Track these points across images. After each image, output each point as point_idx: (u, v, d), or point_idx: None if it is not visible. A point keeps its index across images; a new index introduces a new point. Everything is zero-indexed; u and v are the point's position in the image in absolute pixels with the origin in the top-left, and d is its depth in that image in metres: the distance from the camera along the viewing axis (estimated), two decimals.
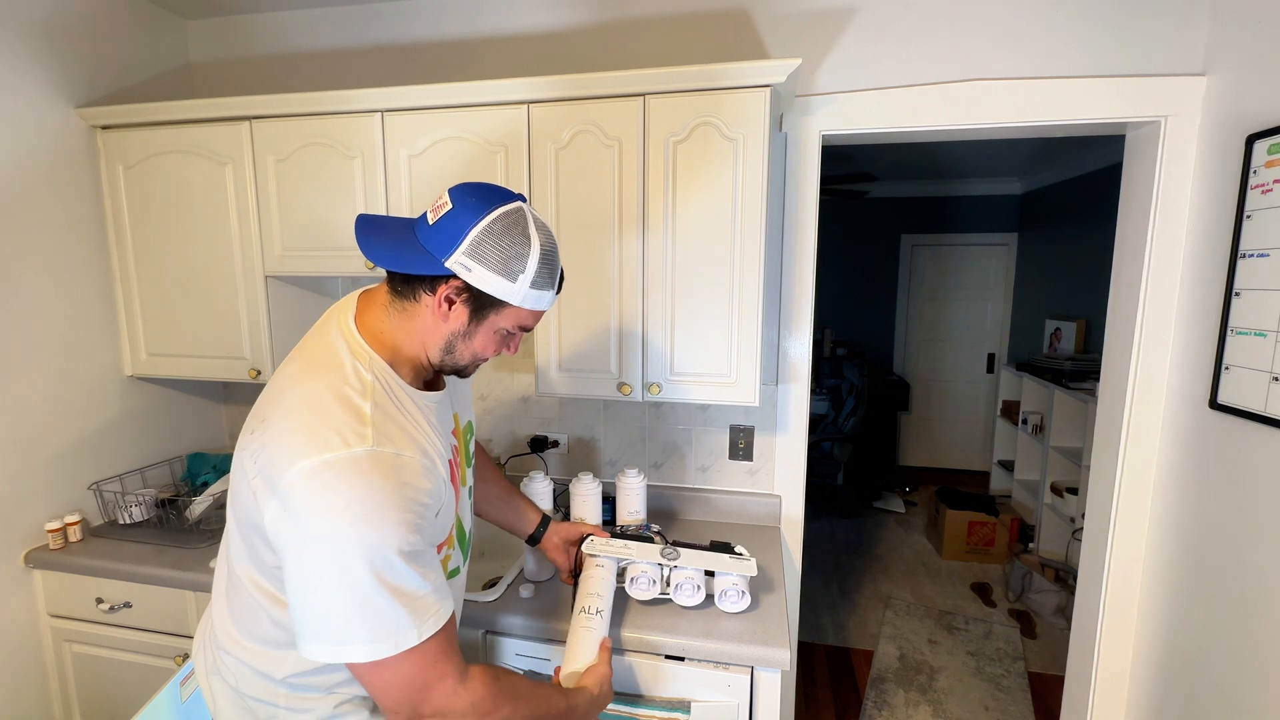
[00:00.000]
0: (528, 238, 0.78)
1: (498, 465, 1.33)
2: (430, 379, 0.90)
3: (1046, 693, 2.37)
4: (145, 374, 1.73)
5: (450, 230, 0.76)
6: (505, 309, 0.82)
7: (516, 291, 0.79)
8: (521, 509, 1.30)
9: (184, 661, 1.40)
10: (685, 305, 1.39)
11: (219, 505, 1.69)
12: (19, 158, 1.49)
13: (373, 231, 0.82)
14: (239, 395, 2.07)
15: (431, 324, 0.81)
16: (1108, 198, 3.30)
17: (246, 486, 0.76)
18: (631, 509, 1.47)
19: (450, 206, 0.77)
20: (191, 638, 1.48)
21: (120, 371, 1.74)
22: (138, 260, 1.67)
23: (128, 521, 1.67)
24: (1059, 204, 4.03)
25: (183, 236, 1.62)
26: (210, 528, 1.63)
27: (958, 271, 4.82)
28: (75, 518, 1.59)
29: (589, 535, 1.30)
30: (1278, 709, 1.21)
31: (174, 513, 1.68)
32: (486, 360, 0.90)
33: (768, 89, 1.27)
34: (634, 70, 1.31)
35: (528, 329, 0.88)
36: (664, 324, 1.40)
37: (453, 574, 0.95)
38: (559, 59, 1.70)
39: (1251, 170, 1.27)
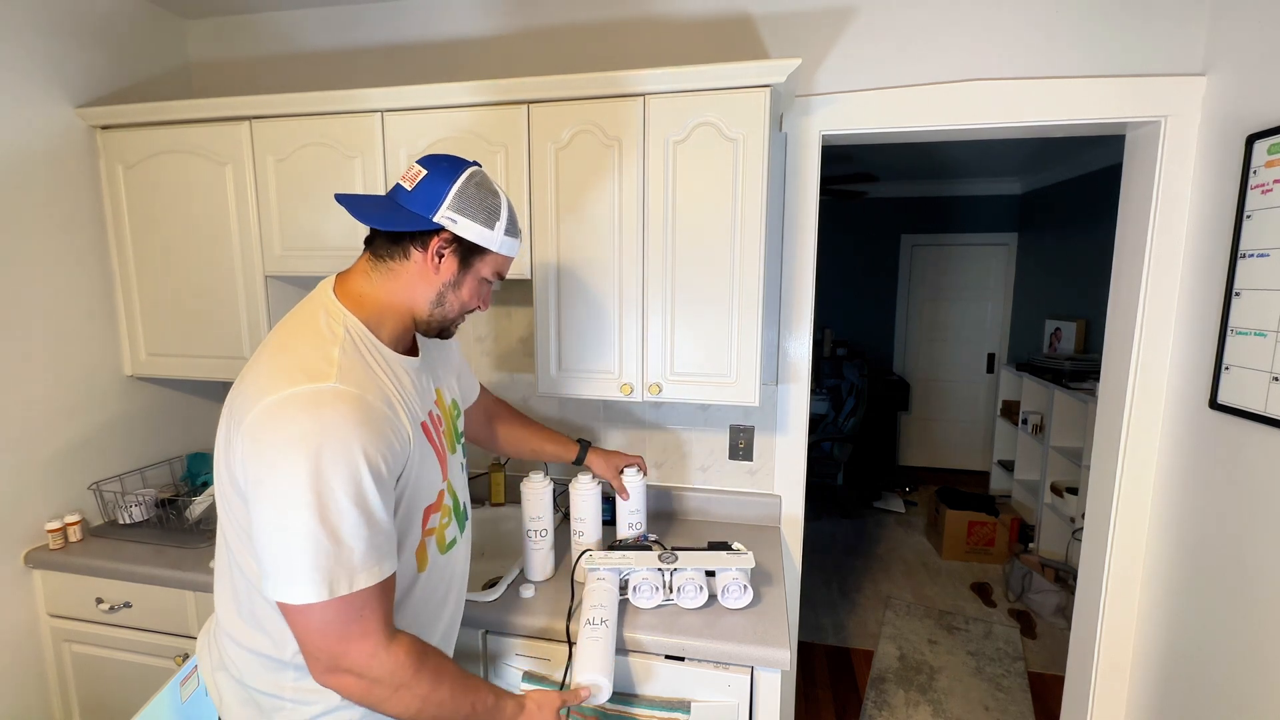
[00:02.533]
0: (496, 193, 0.90)
1: (515, 411, 1.45)
2: (409, 346, 0.94)
3: (1046, 693, 2.37)
4: (145, 374, 1.73)
5: (432, 191, 0.85)
6: (487, 256, 0.91)
7: (495, 238, 0.89)
8: (556, 439, 1.44)
9: (184, 661, 1.41)
10: (685, 305, 1.39)
11: None
12: (19, 157, 1.49)
13: (357, 203, 0.89)
14: None
15: (420, 278, 0.88)
16: (1108, 198, 3.30)
17: (224, 438, 0.79)
18: (631, 508, 1.47)
19: (426, 173, 0.87)
20: (191, 637, 1.49)
21: (120, 371, 1.73)
22: (138, 260, 1.67)
23: (128, 521, 1.67)
24: (1059, 204, 4.04)
25: (183, 236, 1.62)
26: (210, 528, 1.63)
27: (958, 271, 4.82)
28: (75, 518, 1.59)
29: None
30: (1278, 709, 1.21)
31: (174, 513, 1.68)
32: (469, 313, 0.95)
33: (768, 89, 1.27)
34: (634, 70, 1.31)
35: (501, 277, 0.96)
36: (664, 324, 1.40)
37: (450, 545, 0.97)
38: (559, 59, 1.70)
39: (1251, 170, 1.27)
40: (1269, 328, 1.23)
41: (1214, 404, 1.36)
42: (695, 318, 1.39)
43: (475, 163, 0.91)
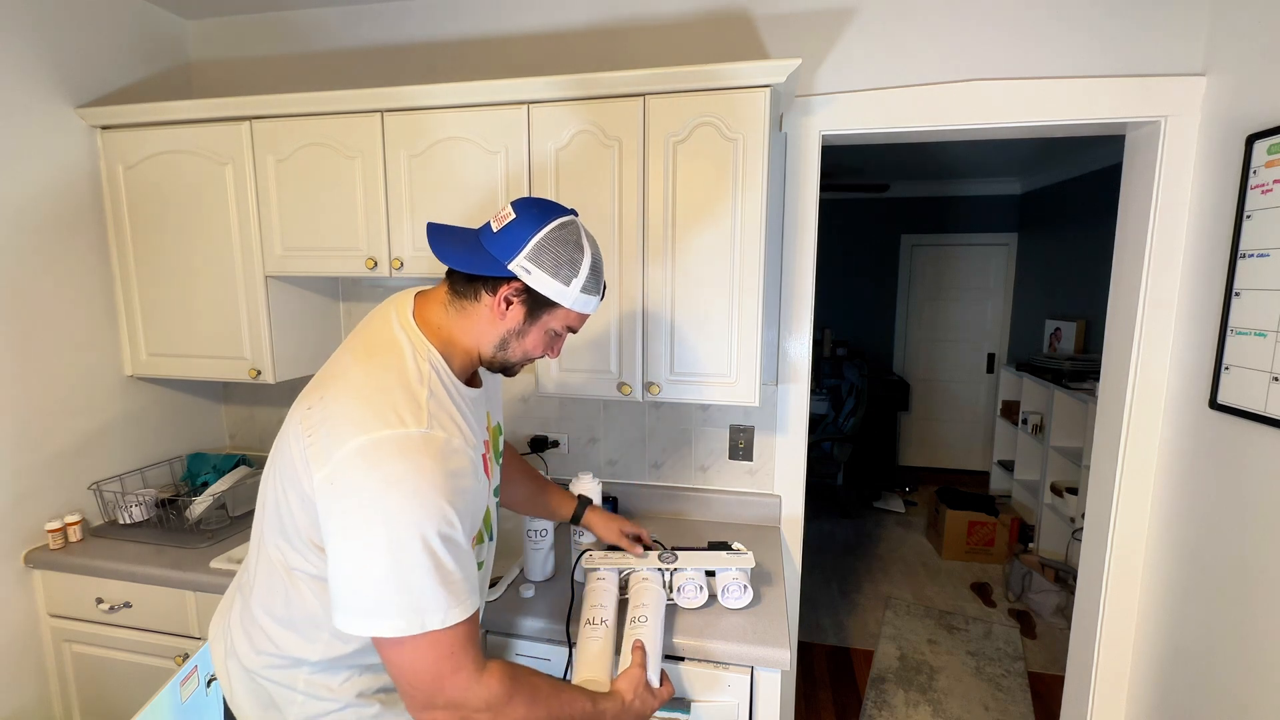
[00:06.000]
0: (581, 247, 0.87)
1: (520, 459, 1.37)
2: (471, 376, 0.94)
3: (1046, 693, 2.37)
4: (145, 374, 1.73)
5: (514, 237, 0.84)
6: (556, 310, 0.89)
7: (568, 294, 0.87)
8: (558, 495, 1.36)
9: (184, 661, 1.41)
10: (685, 305, 1.39)
11: (219, 505, 1.69)
12: (19, 158, 1.49)
13: (443, 236, 0.88)
14: (239, 395, 2.07)
15: (488, 321, 0.88)
16: (1108, 198, 3.29)
17: (297, 455, 0.79)
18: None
19: (514, 216, 0.85)
20: (192, 637, 1.49)
21: (120, 371, 1.73)
22: (138, 260, 1.67)
23: (128, 521, 1.67)
24: (1059, 204, 4.03)
25: (182, 236, 1.62)
26: (210, 528, 1.63)
27: (958, 271, 4.82)
28: (75, 518, 1.59)
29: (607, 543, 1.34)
30: (1278, 709, 1.21)
31: (174, 513, 1.68)
32: (534, 360, 0.96)
33: (768, 89, 1.27)
34: (634, 70, 1.31)
35: (574, 330, 0.95)
36: (664, 324, 1.40)
37: (479, 566, 0.99)
38: (559, 59, 1.70)
39: (1251, 170, 1.27)
40: (1269, 328, 1.23)
41: (1214, 404, 1.36)
42: (695, 317, 1.38)
43: (571, 211, 0.89)
